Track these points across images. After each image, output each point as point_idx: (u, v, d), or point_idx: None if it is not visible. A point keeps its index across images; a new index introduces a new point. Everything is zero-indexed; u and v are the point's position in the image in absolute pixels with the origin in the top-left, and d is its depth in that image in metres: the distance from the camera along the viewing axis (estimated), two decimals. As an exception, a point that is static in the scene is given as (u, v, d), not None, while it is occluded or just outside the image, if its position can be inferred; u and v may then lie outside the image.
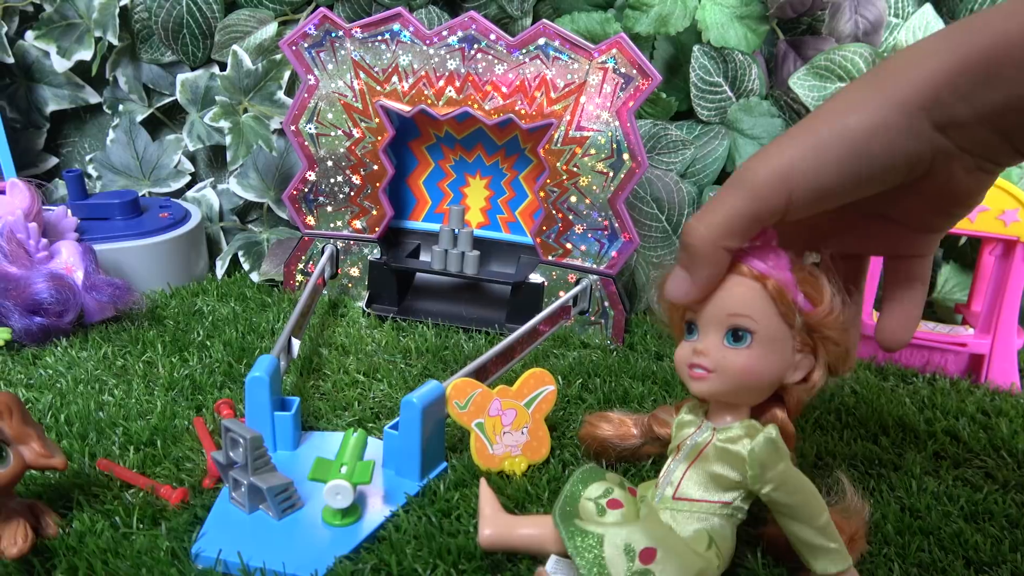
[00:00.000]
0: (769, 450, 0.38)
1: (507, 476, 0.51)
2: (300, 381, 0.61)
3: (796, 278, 0.40)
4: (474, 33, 0.71)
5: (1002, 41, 0.31)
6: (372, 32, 0.73)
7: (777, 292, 0.40)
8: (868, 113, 0.33)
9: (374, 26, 0.73)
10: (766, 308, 0.39)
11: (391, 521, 0.46)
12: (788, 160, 0.34)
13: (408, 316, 0.75)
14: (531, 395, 0.53)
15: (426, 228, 0.82)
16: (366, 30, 0.73)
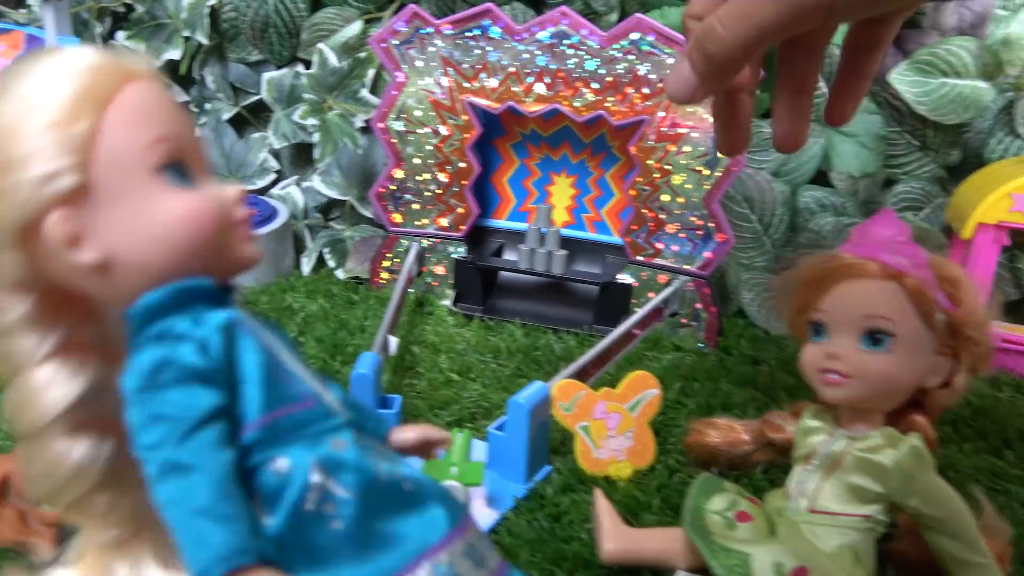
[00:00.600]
0: (915, 460, 0.36)
1: (613, 481, 0.50)
2: (395, 379, 0.61)
3: (936, 275, 0.38)
4: (565, 28, 0.70)
5: None
6: (462, 28, 0.72)
7: (917, 291, 0.38)
8: None
9: (464, 22, 0.72)
10: (905, 308, 0.38)
11: (501, 524, 0.45)
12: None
13: (494, 315, 0.74)
14: (635, 398, 0.52)
15: (510, 227, 0.82)
16: (456, 26, 0.72)
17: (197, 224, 0.26)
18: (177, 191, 0.26)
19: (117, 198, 0.26)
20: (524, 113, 0.73)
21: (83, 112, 0.25)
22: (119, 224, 0.26)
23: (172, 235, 0.26)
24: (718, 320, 0.71)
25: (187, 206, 0.26)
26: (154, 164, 0.26)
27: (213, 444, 0.24)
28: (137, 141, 0.26)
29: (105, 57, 0.26)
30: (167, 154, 0.26)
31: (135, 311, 0.26)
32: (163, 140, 0.26)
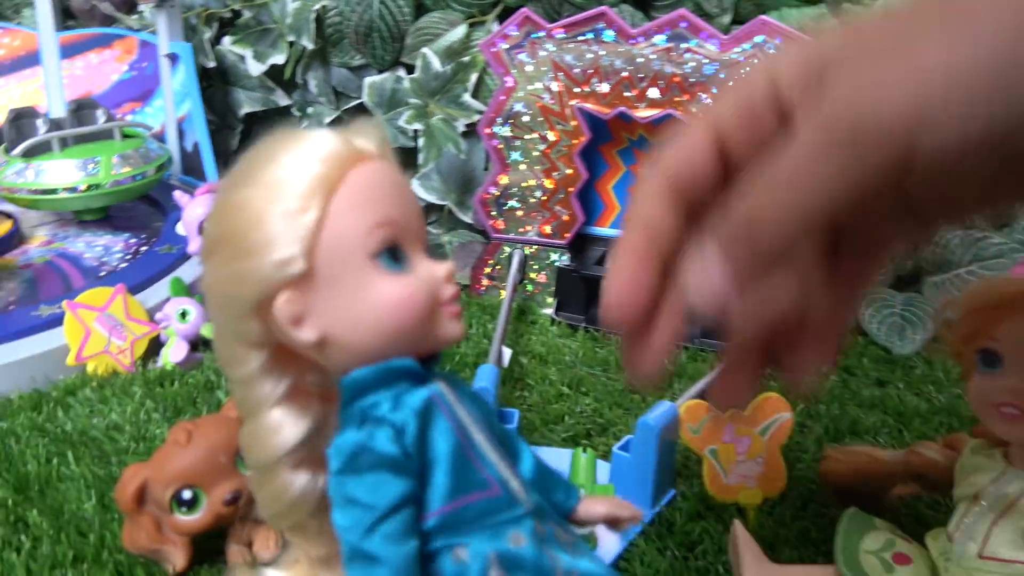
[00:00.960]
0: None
1: (743, 509, 0.47)
2: (506, 391, 0.60)
3: None
4: (683, 31, 0.68)
5: None
6: (575, 32, 0.71)
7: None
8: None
9: (577, 26, 0.70)
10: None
11: (630, 551, 0.43)
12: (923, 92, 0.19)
13: (598, 326, 0.72)
14: (766, 422, 0.49)
15: (614, 234, 0.79)
16: (568, 30, 0.71)
17: (407, 311, 0.27)
18: (390, 276, 0.27)
19: (335, 283, 0.26)
20: (635, 118, 0.70)
21: (314, 200, 0.26)
22: (335, 307, 0.26)
23: (383, 321, 0.26)
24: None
25: (399, 293, 0.26)
26: (371, 250, 0.26)
27: (399, 534, 0.26)
28: (358, 227, 0.26)
29: (340, 141, 0.27)
30: (384, 239, 0.26)
31: (346, 383, 0.27)
32: (382, 225, 0.26)
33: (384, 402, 0.27)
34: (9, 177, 0.72)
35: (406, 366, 0.27)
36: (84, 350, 0.58)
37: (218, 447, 0.40)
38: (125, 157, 0.76)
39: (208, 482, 0.39)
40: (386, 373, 0.27)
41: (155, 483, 0.39)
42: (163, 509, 0.39)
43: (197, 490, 0.39)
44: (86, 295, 0.59)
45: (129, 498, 0.39)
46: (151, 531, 0.39)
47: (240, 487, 0.40)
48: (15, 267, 0.70)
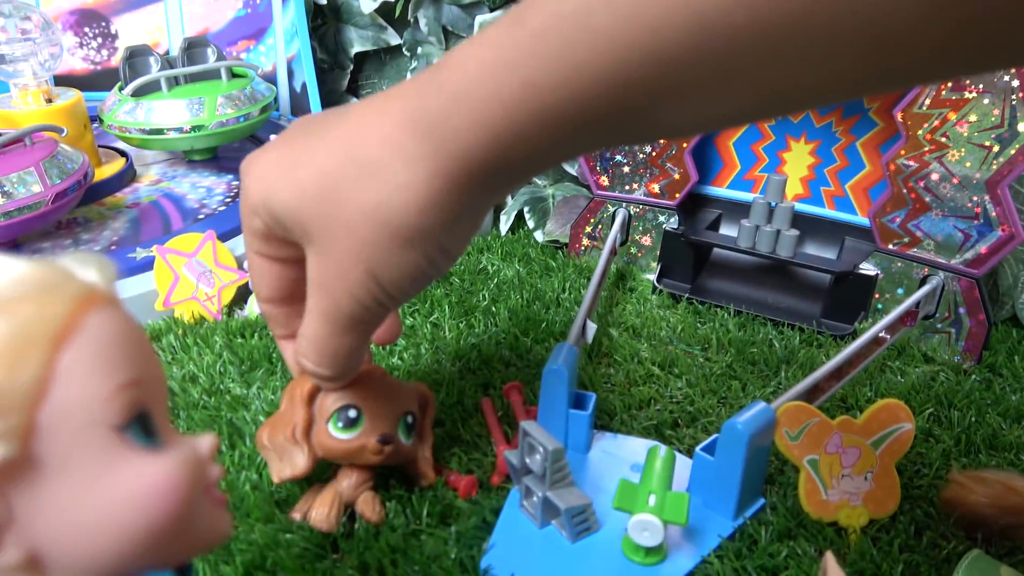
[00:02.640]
0: None
1: (842, 532, 0.41)
2: (589, 367, 0.55)
3: None
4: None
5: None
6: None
7: None
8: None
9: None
10: None
11: (702, 568, 0.39)
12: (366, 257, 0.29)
13: (703, 297, 0.66)
14: (881, 433, 0.42)
15: (731, 197, 0.72)
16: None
17: (168, 499, 0.19)
18: (142, 454, 0.19)
19: (61, 472, 0.18)
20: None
21: (26, 355, 0.18)
22: (59, 508, 0.18)
23: (133, 518, 0.19)
24: (985, 330, 0.58)
25: (157, 476, 0.19)
26: (118, 420, 0.19)
27: None
28: (99, 391, 0.19)
29: (50, 272, 0.19)
30: (134, 403, 0.19)
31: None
32: (130, 385, 0.19)
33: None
34: (121, 116, 0.74)
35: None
36: (172, 296, 0.59)
37: (394, 397, 0.40)
38: (230, 97, 0.76)
39: (372, 417, 0.39)
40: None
41: (330, 392, 0.39)
42: (321, 418, 0.39)
43: (362, 416, 0.39)
44: (176, 240, 0.59)
45: (306, 392, 0.39)
46: (303, 425, 0.38)
47: (394, 436, 0.39)
48: (123, 206, 0.72)
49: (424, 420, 0.44)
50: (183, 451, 0.21)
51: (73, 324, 0.19)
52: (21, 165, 0.59)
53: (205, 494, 0.22)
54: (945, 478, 0.43)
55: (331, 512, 0.39)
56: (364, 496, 0.41)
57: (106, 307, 0.20)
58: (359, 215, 0.28)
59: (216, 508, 0.22)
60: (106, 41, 0.96)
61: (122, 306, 0.21)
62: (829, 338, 0.60)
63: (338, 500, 0.40)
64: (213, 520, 0.22)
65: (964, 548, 0.40)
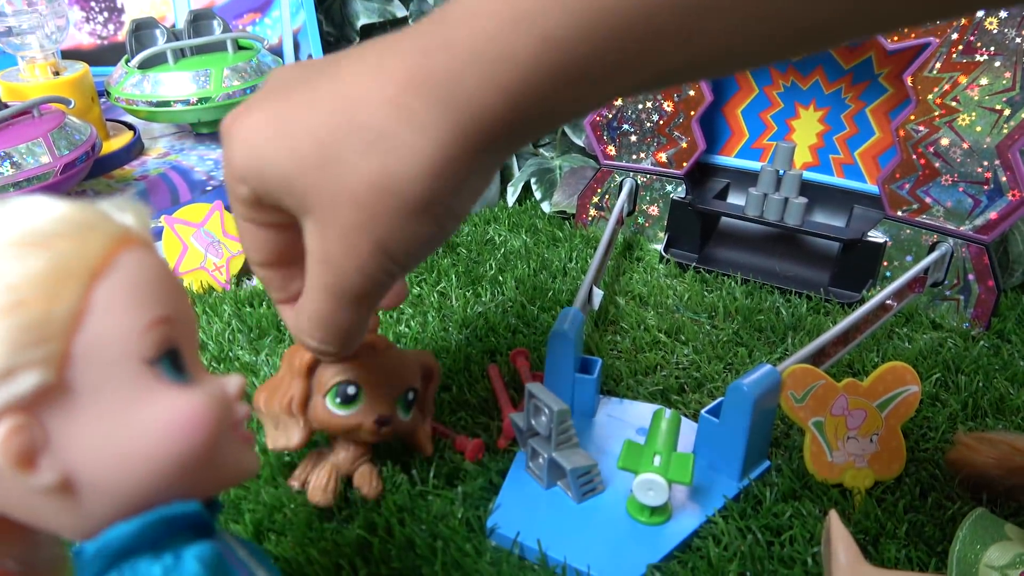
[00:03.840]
0: None
1: (847, 493, 0.41)
2: (596, 334, 0.55)
3: None
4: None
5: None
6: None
7: None
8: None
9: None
10: None
11: (707, 528, 0.39)
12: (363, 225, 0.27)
13: (710, 266, 0.66)
14: (887, 395, 0.42)
15: (738, 165, 0.72)
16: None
17: (196, 432, 0.20)
18: (172, 389, 0.20)
19: (94, 400, 0.19)
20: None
21: (64, 287, 0.18)
22: (92, 434, 0.19)
23: (163, 448, 0.19)
24: (995, 296, 0.58)
25: (186, 409, 0.20)
26: (148, 355, 0.20)
27: None
28: (132, 325, 0.19)
29: (89, 213, 0.20)
30: (164, 341, 0.20)
31: (99, 547, 0.19)
32: (162, 322, 0.20)
33: (155, 566, 0.19)
34: (128, 88, 0.74)
35: (189, 512, 0.20)
36: (181, 265, 0.59)
37: (395, 374, 0.39)
38: (236, 70, 0.75)
39: (371, 395, 0.38)
40: (161, 525, 0.20)
41: (330, 366, 0.38)
42: (319, 391, 0.38)
43: (361, 393, 0.38)
44: (184, 211, 0.59)
45: (304, 363, 0.38)
46: (300, 398, 0.38)
47: (392, 417, 0.38)
48: (132, 178, 0.72)
49: (426, 392, 0.42)
50: (211, 388, 0.21)
51: (108, 261, 0.20)
52: (30, 136, 0.59)
53: (232, 431, 0.22)
54: (951, 440, 0.43)
55: (328, 485, 0.39)
56: (361, 470, 0.40)
57: (140, 247, 0.21)
58: (366, 186, 0.26)
59: (243, 445, 0.23)
60: (112, 15, 0.96)
61: (155, 248, 0.22)
62: (836, 306, 0.60)
63: (335, 473, 0.40)
64: (239, 456, 0.22)
65: (969, 509, 0.40)
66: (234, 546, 0.22)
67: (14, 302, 0.18)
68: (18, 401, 0.18)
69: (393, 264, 0.28)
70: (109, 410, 0.19)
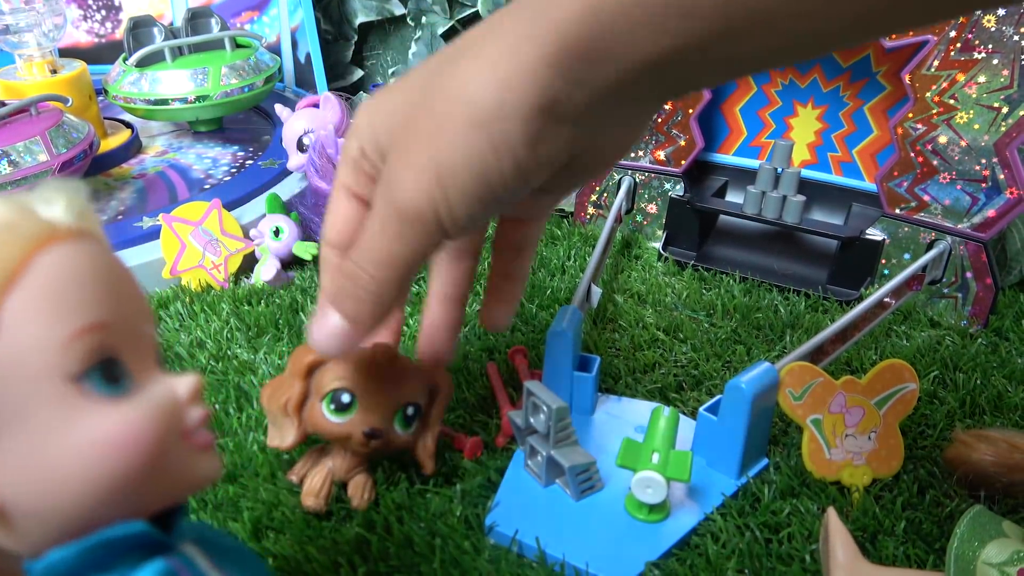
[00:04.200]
0: None
1: (846, 491, 0.41)
2: (594, 332, 0.55)
3: None
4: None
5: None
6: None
7: None
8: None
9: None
10: None
11: (704, 526, 0.39)
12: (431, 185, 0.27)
13: (709, 264, 0.66)
14: (885, 393, 0.42)
15: (736, 163, 0.72)
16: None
17: (132, 450, 0.18)
18: (104, 404, 0.18)
19: (15, 424, 0.17)
20: (769, 31, 0.61)
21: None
22: (15, 459, 0.18)
23: (96, 469, 0.18)
24: (993, 294, 0.58)
25: (119, 426, 0.18)
26: (73, 370, 0.18)
27: None
28: (52, 338, 0.18)
29: (15, 211, 0.18)
30: (92, 352, 0.18)
31: (46, 569, 0.18)
32: (91, 330, 0.18)
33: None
34: (126, 87, 0.74)
35: (131, 533, 0.19)
36: (179, 264, 0.59)
37: (395, 387, 0.38)
38: (234, 68, 0.75)
39: (366, 404, 0.37)
40: (100, 549, 0.19)
41: (329, 370, 0.38)
42: (316, 395, 0.38)
43: (355, 403, 0.37)
44: (182, 209, 0.59)
45: (304, 365, 0.37)
46: (296, 400, 0.37)
47: (383, 431, 0.37)
48: (129, 176, 0.72)
49: (431, 409, 0.41)
50: (152, 397, 0.20)
51: (24, 266, 0.18)
52: (27, 134, 0.59)
53: (181, 439, 0.20)
54: (949, 437, 0.43)
55: (321, 491, 0.39)
56: (356, 480, 0.40)
57: (69, 243, 0.19)
58: (441, 95, 0.26)
59: (197, 452, 0.21)
60: (110, 13, 0.96)
61: (93, 239, 0.20)
62: (835, 304, 0.60)
63: (329, 478, 0.40)
64: (192, 464, 0.20)
65: (967, 506, 0.40)
66: (195, 558, 0.21)
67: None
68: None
69: (440, 192, 0.26)
70: (33, 433, 0.18)
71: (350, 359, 0.38)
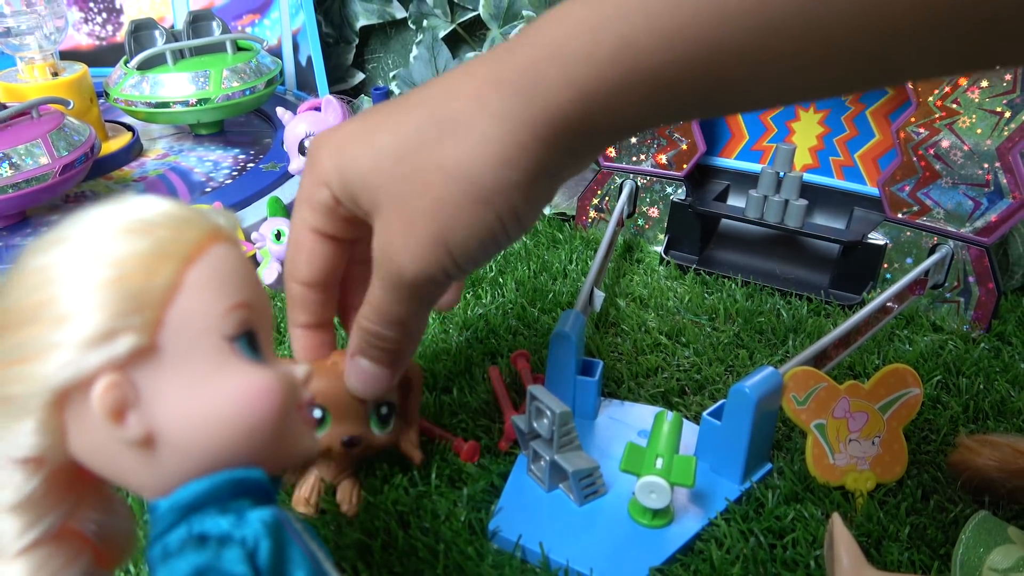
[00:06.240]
0: None
1: (849, 496, 0.41)
2: (597, 336, 0.55)
3: None
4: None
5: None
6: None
7: None
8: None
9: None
10: None
11: (708, 531, 0.39)
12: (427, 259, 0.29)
13: (711, 268, 0.66)
14: (889, 398, 0.42)
15: (738, 167, 0.72)
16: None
17: (267, 405, 0.22)
18: (248, 364, 0.22)
19: (181, 366, 0.21)
20: (771, 35, 0.61)
21: (162, 265, 0.21)
22: (176, 396, 0.21)
23: (236, 414, 0.22)
24: (995, 299, 0.58)
25: (258, 383, 0.22)
26: (230, 332, 0.22)
27: None
28: (217, 305, 0.22)
29: (188, 211, 0.23)
30: (243, 322, 0.23)
31: (172, 502, 0.21)
32: (242, 307, 0.23)
33: (222, 520, 0.21)
34: (127, 90, 0.74)
35: (255, 478, 0.22)
36: (180, 267, 0.59)
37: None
38: (235, 71, 0.75)
39: (339, 415, 0.37)
40: (230, 486, 0.22)
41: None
42: None
43: (327, 416, 0.37)
44: (184, 212, 0.59)
45: None
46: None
47: (362, 436, 0.38)
48: (131, 179, 0.72)
49: (406, 402, 0.41)
50: (279, 370, 0.24)
51: (201, 250, 0.22)
52: (28, 137, 0.59)
53: (297, 411, 0.24)
54: (953, 442, 0.43)
55: (312, 498, 0.39)
56: (343, 485, 0.40)
57: (228, 243, 0.24)
58: (437, 172, 0.27)
59: (305, 426, 0.24)
60: (111, 16, 0.96)
61: (240, 247, 0.25)
62: (837, 308, 0.60)
63: (319, 485, 0.39)
64: (302, 435, 0.24)
65: (971, 511, 0.40)
66: (291, 519, 0.24)
67: (119, 275, 0.20)
68: (116, 361, 0.20)
69: (449, 259, 0.29)
70: (192, 376, 0.21)
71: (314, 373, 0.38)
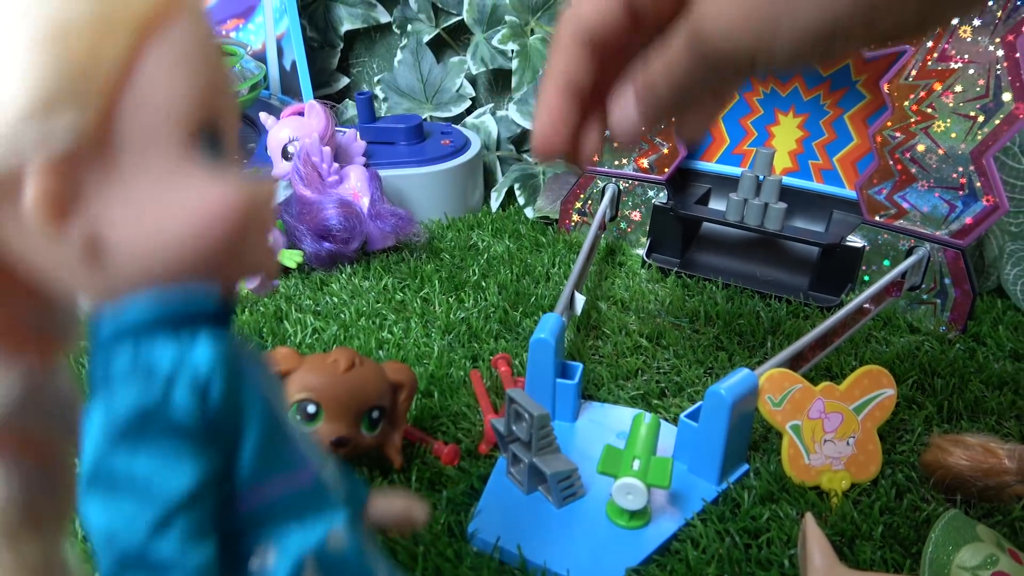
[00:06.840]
0: None
1: (825, 495, 0.42)
2: (577, 339, 0.56)
3: None
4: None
5: None
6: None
7: None
8: None
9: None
10: None
11: (685, 532, 0.39)
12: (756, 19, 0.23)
13: (692, 271, 0.66)
14: (863, 398, 0.43)
15: (719, 171, 0.72)
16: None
17: (226, 219, 0.19)
18: (209, 171, 0.19)
19: (134, 161, 0.18)
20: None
21: (114, 34, 0.17)
22: (125, 199, 0.18)
23: (193, 226, 0.19)
24: (971, 300, 0.59)
25: (219, 198, 0.19)
26: (193, 125, 0.19)
27: (197, 532, 0.18)
28: (179, 90, 0.18)
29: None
30: (207, 116, 0.19)
31: (116, 325, 0.19)
32: (210, 90, 0.19)
33: (168, 348, 0.19)
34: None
35: (207, 300, 0.20)
36: (163, 272, 0.59)
37: (359, 392, 0.39)
38: (219, 76, 0.75)
39: (331, 413, 0.38)
40: (180, 306, 0.19)
41: (294, 381, 0.38)
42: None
43: (320, 412, 0.38)
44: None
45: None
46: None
47: (351, 438, 0.38)
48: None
49: (396, 406, 0.42)
50: (245, 181, 0.20)
51: (160, 19, 0.18)
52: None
53: (260, 231, 0.21)
54: (927, 442, 0.44)
55: None
56: None
57: (194, 16, 0.19)
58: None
59: (265, 247, 0.21)
60: (94, 21, 0.96)
61: (207, 16, 0.21)
62: (816, 310, 0.61)
63: None
64: (261, 256, 0.21)
65: (944, 510, 0.40)
66: (244, 343, 0.21)
67: (57, 34, 0.17)
68: (53, 142, 0.17)
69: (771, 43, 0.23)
70: (145, 179, 0.18)
71: (313, 368, 0.39)
